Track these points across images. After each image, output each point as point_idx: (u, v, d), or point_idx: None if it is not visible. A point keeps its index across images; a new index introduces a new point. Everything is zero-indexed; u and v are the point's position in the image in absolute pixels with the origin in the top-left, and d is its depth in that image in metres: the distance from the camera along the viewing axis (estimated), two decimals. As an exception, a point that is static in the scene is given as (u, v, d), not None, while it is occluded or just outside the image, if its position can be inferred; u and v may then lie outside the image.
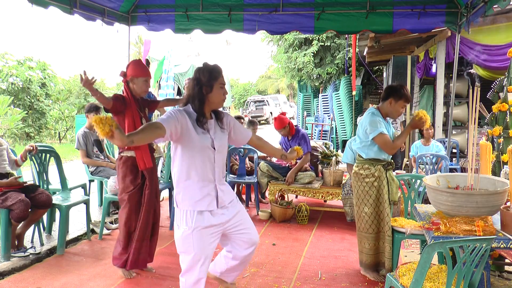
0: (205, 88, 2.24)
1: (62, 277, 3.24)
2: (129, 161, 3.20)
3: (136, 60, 3.28)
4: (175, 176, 2.28)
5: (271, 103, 25.30)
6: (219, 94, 2.27)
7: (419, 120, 3.07)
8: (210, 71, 2.26)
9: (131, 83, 3.19)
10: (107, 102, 3.05)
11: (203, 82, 2.24)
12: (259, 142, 2.66)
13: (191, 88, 2.28)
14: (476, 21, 4.30)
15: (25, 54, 18.10)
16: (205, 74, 2.25)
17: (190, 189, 2.24)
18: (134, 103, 3.19)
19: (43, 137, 15.10)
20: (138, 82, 3.18)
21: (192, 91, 2.27)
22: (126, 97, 3.17)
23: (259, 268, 3.49)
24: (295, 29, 5.20)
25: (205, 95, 2.24)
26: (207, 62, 2.35)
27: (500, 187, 2.34)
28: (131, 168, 3.21)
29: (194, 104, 2.25)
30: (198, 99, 2.24)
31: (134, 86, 3.19)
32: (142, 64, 3.26)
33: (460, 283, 1.94)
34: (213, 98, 2.26)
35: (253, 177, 5.35)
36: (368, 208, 3.24)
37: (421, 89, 8.30)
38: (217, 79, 2.26)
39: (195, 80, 2.26)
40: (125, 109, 3.13)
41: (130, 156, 3.20)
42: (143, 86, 3.20)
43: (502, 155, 3.54)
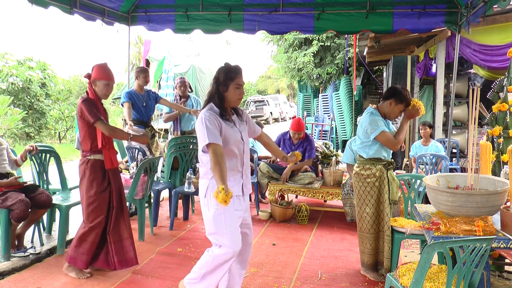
0: (221, 88, 2.46)
1: (62, 277, 3.23)
2: (97, 164, 3.20)
3: (101, 64, 3.23)
4: (207, 169, 2.47)
5: (271, 103, 25.28)
6: (234, 93, 2.48)
7: (413, 109, 3.13)
8: (227, 71, 2.47)
9: (93, 85, 3.18)
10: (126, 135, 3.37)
11: (220, 81, 2.46)
12: (268, 140, 2.88)
13: (211, 86, 2.52)
14: (476, 21, 4.30)
15: (25, 54, 18.10)
16: (222, 74, 2.47)
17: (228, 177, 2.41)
18: (100, 105, 3.22)
19: (43, 137, 15.09)
20: (99, 85, 3.17)
21: (211, 89, 2.50)
22: (95, 99, 3.18)
23: (259, 268, 3.49)
24: (295, 29, 5.20)
25: (222, 93, 2.47)
26: (228, 63, 2.55)
27: (500, 187, 2.34)
28: (99, 171, 3.20)
29: (214, 101, 2.48)
30: (217, 97, 2.48)
31: (96, 89, 3.18)
32: (107, 67, 3.22)
33: (460, 283, 1.94)
34: (229, 97, 2.48)
35: (253, 177, 5.34)
36: (369, 208, 3.24)
37: (421, 89, 8.30)
38: (233, 79, 2.46)
39: (215, 78, 2.50)
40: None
41: (98, 159, 3.20)
42: (103, 89, 3.18)
43: (502, 155, 3.54)
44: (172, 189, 4.76)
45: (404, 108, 3.19)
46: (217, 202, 2.17)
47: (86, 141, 3.18)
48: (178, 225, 4.64)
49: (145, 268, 3.45)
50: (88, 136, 3.17)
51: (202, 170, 2.54)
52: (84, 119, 3.12)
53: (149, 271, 3.40)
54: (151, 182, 4.24)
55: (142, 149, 4.81)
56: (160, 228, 4.57)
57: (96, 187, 3.18)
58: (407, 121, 3.21)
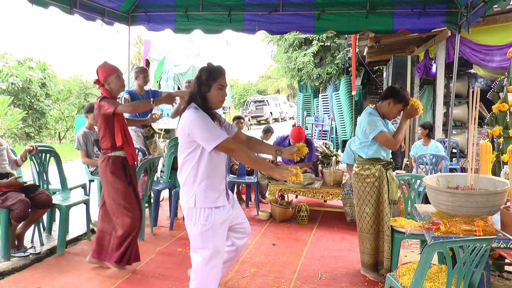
0: (204, 87, 2.30)
1: (62, 277, 3.24)
2: (118, 160, 3.27)
3: (102, 63, 3.27)
4: (192, 177, 2.28)
5: (271, 103, 25.30)
6: (217, 94, 2.31)
7: (411, 108, 3.13)
8: (210, 71, 2.31)
9: (106, 85, 3.23)
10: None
11: (202, 81, 2.31)
12: (249, 142, 2.59)
13: (192, 86, 2.34)
14: (476, 21, 4.30)
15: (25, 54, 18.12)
16: (205, 73, 2.31)
17: (211, 186, 2.30)
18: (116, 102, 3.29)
19: (43, 137, 15.09)
20: (111, 81, 3.21)
21: (193, 89, 2.33)
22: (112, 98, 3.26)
23: (259, 268, 3.49)
24: (295, 29, 5.20)
25: (204, 93, 2.30)
26: (211, 62, 2.39)
27: (500, 187, 2.34)
28: (120, 167, 3.28)
29: (197, 101, 2.31)
30: (199, 97, 2.31)
31: (110, 86, 3.23)
32: (108, 63, 3.27)
33: (460, 283, 1.94)
34: (210, 98, 2.31)
35: (253, 177, 5.35)
36: (369, 209, 3.24)
37: (421, 89, 8.30)
38: (216, 80, 2.30)
39: (196, 78, 2.34)
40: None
41: (118, 156, 3.27)
42: (117, 82, 3.23)
43: (502, 155, 3.54)
44: (172, 189, 4.76)
45: (403, 108, 3.20)
46: (292, 180, 2.05)
47: (106, 139, 3.24)
48: (178, 225, 4.64)
49: (145, 268, 3.45)
50: (108, 134, 3.23)
51: (186, 177, 2.30)
52: (105, 113, 3.17)
53: (149, 271, 3.40)
54: (151, 182, 4.24)
55: (142, 149, 4.81)
56: (160, 228, 4.58)
57: (122, 180, 3.27)
58: (406, 121, 3.21)
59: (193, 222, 2.29)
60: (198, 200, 2.28)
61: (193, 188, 2.29)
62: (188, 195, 2.30)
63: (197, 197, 2.28)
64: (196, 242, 2.32)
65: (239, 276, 3.33)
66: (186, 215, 2.33)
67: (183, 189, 2.35)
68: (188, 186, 2.31)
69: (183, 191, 2.34)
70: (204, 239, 2.29)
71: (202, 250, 2.31)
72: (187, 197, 2.30)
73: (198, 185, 2.28)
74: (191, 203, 2.29)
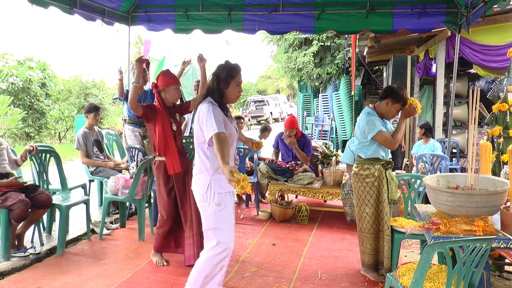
0: (222, 84, 2.49)
1: (62, 277, 3.24)
2: (162, 165, 3.40)
3: (165, 71, 3.47)
4: (208, 165, 2.47)
5: (271, 103, 25.29)
6: (234, 91, 2.52)
7: (409, 108, 3.16)
8: (229, 69, 2.51)
9: (163, 93, 3.38)
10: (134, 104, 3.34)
11: (221, 78, 2.49)
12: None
13: (210, 82, 2.54)
14: (476, 21, 4.30)
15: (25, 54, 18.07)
16: (224, 71, 2.49)
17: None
18: (165, 111, 3.38)
19: (43, 137, 15.09)
20: (170, 91, 3.37)
21: (211, 84, 2.52)
22: (158, 106, 3.37)
23: (259, 268, 3.49)
24: (295, 29, 5.20)
25: (222, 90, 2.49)
26: (228, 60, 2.58)
27: (500, 187, 2.34)
28: (164, 172, 3.41)
29: (214, 97, 2.50)
30: (217, 93, 2.49)
31: (167, 95, 3.39)
32: (171, 73, 3.45)
33: (460, 283, 1.94)
34: (229, 93, 2.52)
35: (253, 177, 5.34)
36: (369, 209, 3.24)
37: (421, 89, 8.30)
38: (234, 77, 2.50)
39: (215, 75, 2.52)
40: (155, 117, 3.34)
41: (162, 161, 3.40)
42: (175, 93, 3.41)
43: (502, 155, 3.54)
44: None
45: (401, 107, 3.21)
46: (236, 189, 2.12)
47: (154, 144, 3.43)
48: (178, 225, 4.64)
49: (145, 268, 3.45)
50: (152, 140, 3.44)
51: (201, 165, 2.50)
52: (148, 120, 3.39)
53: (149, 271, 3.40)
54: (151, 182, 4.25)
55: (142, 149, 4.81)
56: (160, 228, 4.57)
57: (164, 186, 3.41)
58: (405, 120, 3.22)
59: (207, 203, 2.46)
60: (213, 186, 2.45)
61: (207, 176, 2.47)
62: (202, 181, 2.48)
63: (212, 184, 2.45)
64: (209, 222, 2.47)
65: (239, 276, 3.33)
66: (200, 198, 2.49)
67: (197, 176, 2.53)
68: (202, 174, 2.50)
69: (197, 177, 2.53)
70: (218, 219, 2.45)
71: (214, 231, 2.46)
72: (201, 184, 2.49)
73: (212, 174, 2.47)
74: (204, 189, 2.47)
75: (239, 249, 3.93)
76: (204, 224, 2.51)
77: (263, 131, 6.25)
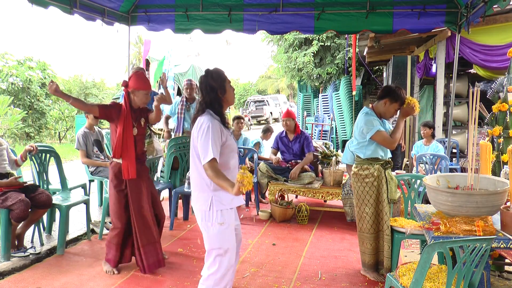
0: (220, 91, 2.40)
1: (62, 277, 3.24)
2: (116, 167, 3.29)
3: (138, 73, 3.32)
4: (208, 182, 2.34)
5: (271, 103, 25.29)
6: (231, 92, 2.47)
7: (407, 107, 3.16)
8: (219, 74, 2.42)
9: (132, 95, 3.28)
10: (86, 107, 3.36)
11: (217, 86, 2.39)
12: None
13: (206, 95, 2.40)
14: (476, 21, 4.29)
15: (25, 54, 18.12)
16: (216, 78, 2.40)
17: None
18: (130, 114, 3.26)
19: (43, 137, 15.09)
20: (139, 95, 3.27)
21: (208, 97, 2.39)
22: (123, 107, 3.25)
23: (259, 268, 3.49)
24: (295, 29, 5.19)
25: (221, 97, 2.41)
26: (208, 68, 2.47)
27: (500, 187, 2.34)
28: (117, 175, 3.29)
29: (215, 109, 2.40)
30: (218, 104, 2.40)
31: (135, 98, 3.29)
32: (144, 77, 3.33)
33: (460, 283, 1.94)
34: (228, 98, 2.45)
35: (253, 177, 5.34)
36: (369, 209, 3.24)
37: (421, 89, 8.30)
38: (226, 79, 2.44)
39: (209, 87, 2.39)
40: (118, 117, 3.23)
41: (117, 163, 3.29)
42: (143, 98, 3.30)
43: (502, 155, 3.54)
44: (172, 189, 4.76)
45: (399, 107, 3.21)
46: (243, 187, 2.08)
47: (113, 145, 3.31)
48: (178, 225, 4.64)
49: (145, 268, 3.44)
50: (112, 141, 3.32)
51: (201, 182, 2.39)
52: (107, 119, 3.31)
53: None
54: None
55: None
56: (160, 228, 4.57)
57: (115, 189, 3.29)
58: (403, 120, 3.23)
59: (210, 223, 2.36)
60: (215, 203, 2.36)
61: (209, 192, 2.37)
62: (204, 199, 2.38)
63: (214, 201, 2.35)
64: (213, 242, 2.39)
65: (239, 276, 3.33)
66: (201, 217, 2.39)
67: (197, 193, 2.41)
68: (203, 191, 2.39)
69: (197, 195, 2.41)
70: (221, 239, 2.37)
71: (217, 250, 2.38)
72: (202, 201, 2.38)
73: (213, 190, 2.36)
74: (206, 206, 2.36)
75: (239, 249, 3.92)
76: (207, 244, 2.42)
77: (265, 132, 6.24)
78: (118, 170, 3.28)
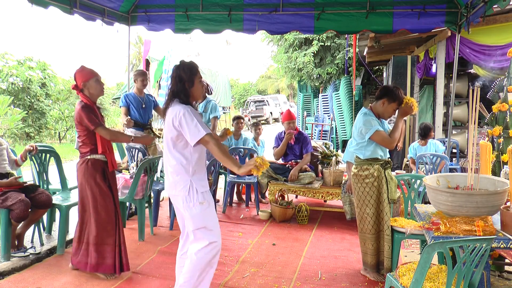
0: (187, 84, 2.50)
1: (62, 277, 3.24)
2: (98, 163, 3.20)
3: (79, 68, 3.22)
4: (186, 169, 2.48)
5: (271, 103, 25.29)
6: (199, 87, 2.56)
7: (406, 106, 3.17)
8: (190, 67, 2.52)
9: (85, 90, 3.16)
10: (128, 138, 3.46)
11: (185, 78, 2.49)
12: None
13: (173, 85, 2.51)
14: (476, 21, 4.30)
15: (25, 54, 18.08)
16: (186, 70, 2.50)
17: (201, 176, 2.54)
18: (96, 109, 3.23)
19: (43, 137, 15.08)
20: (91, 85, 3.16)
21: (175, 87, 2.50)
22: (91, 105, 3.18)
23: (259, 268, 3.49)
24: (295, 29, 5.20)
25: (188, 90, 2.50)
26: (183, 60, 2.58)
27: (500, 187, 2.34)
28: (100, 170, 3.21)
29: (181, 99, 2.49)
30: (183, 95, 2.49)
31: (90, 90, 3.17)
32: (86, 67, 3.22)
33: (460, 283, 1.94)
34: (194, 91, 2.54)
35: (253, 177, 5.34)
36: (369, 209, 3.24)
37: (421, 89, 8.30)
38: (196, 74, 2.53)
39: (178, 77, 2.50)
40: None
41: (98, 159, 3.20)
42: (97, 86, 3.18)
43: (502, 155, 3.55)
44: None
45: (397, 107, 3.22)
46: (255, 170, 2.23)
47: (86, 145, 3.18)
48: (178, 225, 4.63)
49: (146, 268, 3.45)
50: (88, 141, 3.17)
51: (179, 168, 2.47)
52: (83, 125, 3.13)
53: (149, 271, 3.40)
54: (151, 182, 4.25)
55: (142, 149, 4.81)
56: (160, 228, 4.58)
57: (101, 184, 3.20)
58: (402, 119, 3.23)
59: (192, 203, 2.47)
60: (194, 186, 2.48)
61: (187, 177, 2.48)
62: (183, 184, 2.48)
63: (193, 184, 2.48)
64: (197, 221, 2.48)
65: (239, 276, 3.33)
66: (183, 200, 2.48)
67: (174, 179, 2.49)
68: (181, 176, 2.48)
69: (174, 181, 2.50)
70: (205, 218, 2.49)
71: (204, 230, 2.50)
72: (182, 186, 2.48)
73: (192, 176, 2.49)
74: (186, 191, 2.47)
75: (239, 249, 3.93)
76: (191, 225, 2.49)
77: (256, 127, 6.20)
78: (99, 165, 3.19)
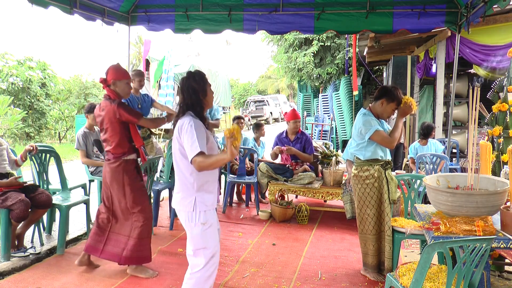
0: (202, 94, 2.43)
1: (62, 277, 3.24)
2: (131, 162, 3.29)
3: (115, 65, 3.29)
4: (191, 183, 2.37)
5: (271, 103, 25.30)
6: (211, 95, 2.50)
7: (405, 106, 3.17)
8: (200, 78, 2.45)
9: (113, 87, 3.22)
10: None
11: (199, 89, 2.42)
12: None
13: (188, 97, 2.41)
14: (476, 21, 4.30)
15: (25, 54, 18.08)
16: (199, 80, 2.43)
17: (208, 190, 2.42)
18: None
19: (43, 137, 15.09)
20: (120, 85, 3.22)
21: (190, 99, 2.41)
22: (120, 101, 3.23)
23: (259, 268, 3.49)
24: (295, 29, 5.19)
25: (203, 100, 2.44)
26: (190, 71, 2.53)
27: (500, 187, 2.34)
28: (134, 170, 3.32)
29: (196, 111, 2.41)
30: (199, 106, 2.42)
31: (117, 90, 3.23)
32: (122, 67, 3.29)
33: (460, 283, 1.94)
34: (208, 100, 2.48)
35: (253, 177, 5.34)
36: (370, 210, 3.24)
37: (421, 89, 8.30)
38: (207, 82, 2.48)
39: (190, 89, 2.40)
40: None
41: (130, 159, 3.28)
42: (125, 88, 3.26)
43: (502, 155, 3.54)
44: (172, 189, 4.76)
45: (396, 107, 3.22)
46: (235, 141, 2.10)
47: (123, 143, 3.23)
48: (178, 225, 4.64)
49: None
50: (125, 138, 3.23)
51: (184, 182, 2.39)
52: (124, 121, 3.17)
53: (149, 271, 3.40)
54: (151, 182, 4.25)
55: (143, 148, 4.81)
56: (160, 228, 4.58)
57: (141, 182, 3.36)
58: (401, 119, 3.24)
59: (193, 223, 2.37)
60: (197, 204, 2.37)
61: (192, 194, 2.38)
62: (187, 200, 2.38)
63: (196, 202, 2.37)
64: (197, 242, 2.39)
65: (239, 276, 3.33)
66: (185, 218, 2.40)
67: (180, 194, 2.42)
68: (186, 192, 2.39)
69: (180, 196, 2.41)
70: (205, 239, 2.38)
71: (203, 250, 2.39)
72: (186, 202, 2.38)
73: (197, 191, 2.38)
74: (190, 207, 2.37)
75: (239, 249, 3.93)
76: (192, 244, 2.41)
77: (258, 127, 6.18)
78: (133, 165, 3.30)
